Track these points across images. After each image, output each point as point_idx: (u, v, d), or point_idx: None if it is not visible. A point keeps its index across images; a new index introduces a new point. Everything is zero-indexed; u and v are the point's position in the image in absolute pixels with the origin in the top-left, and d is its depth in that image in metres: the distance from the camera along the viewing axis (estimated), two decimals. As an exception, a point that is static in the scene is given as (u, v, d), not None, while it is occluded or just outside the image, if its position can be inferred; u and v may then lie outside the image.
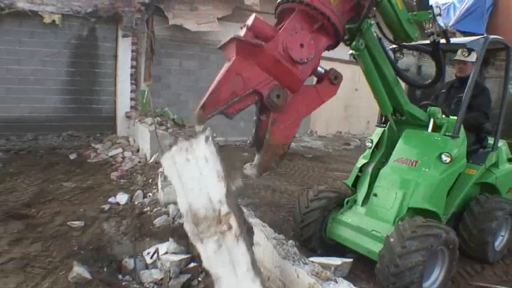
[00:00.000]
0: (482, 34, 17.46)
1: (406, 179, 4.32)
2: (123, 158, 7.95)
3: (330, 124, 15.20)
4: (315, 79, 3.36)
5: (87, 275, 3.87)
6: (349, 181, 4.98)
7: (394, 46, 4.52)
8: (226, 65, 2.93)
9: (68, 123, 9.49)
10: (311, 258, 3.56)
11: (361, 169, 4.92)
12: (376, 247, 4.02)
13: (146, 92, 9.88)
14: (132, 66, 10.05)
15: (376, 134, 5.04)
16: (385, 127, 4.99)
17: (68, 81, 9.53)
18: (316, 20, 3.04)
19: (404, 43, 4.11)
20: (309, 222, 4.63)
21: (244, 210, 4.26)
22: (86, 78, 9.72)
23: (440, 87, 5.57)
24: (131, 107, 10.03)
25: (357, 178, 4.92)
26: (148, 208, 5.56)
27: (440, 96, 5.43)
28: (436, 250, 3.76)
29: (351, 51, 4.00)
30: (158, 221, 5.14)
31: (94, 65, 9.82)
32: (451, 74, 5.93)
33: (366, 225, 4.35)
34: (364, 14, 3.37)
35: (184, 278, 4.14)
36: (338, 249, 4.66)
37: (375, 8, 3.52)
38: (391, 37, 4.04)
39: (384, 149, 4.90)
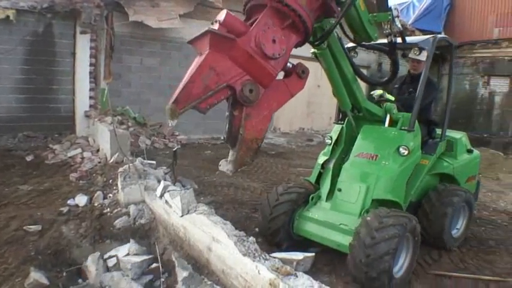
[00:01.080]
0: (440, 32, 18.16)
1: (368, 173, 4.51)
2: (83, 158, 7.73)
3: (293, 121, 15.33)
4: (282, 74, 3.46)
5: (45, 281, 3.78)
6: (312, 178, 5.10)
7: (350, 45, 4.68)
8: (199, 59, 2.94)
9: (24, 124, 9.17)
10: (273, 254, 3.60)
11: (322, 166, 5.05)
12: (345, 240, 4.16)
13: (106, 91, 9.69)
14: (91, 64, 9.81)
15: (335, 131, 5.23)
16: (343, 124, 5.18)
17: (23, 80, 9.20)
18: (288, 16, 3.11)
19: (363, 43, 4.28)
20: (278, 214, 4.70)
21: (206, 208, 4.26)
22: (42, 76, 9.41)
23: (394, 82, 5.71)
24: (90, 106, 9.79)
25: (320, 175, 5.03)
26: (108, 209, 5.43)
27: (393, 92, 5.60)
28: (402, 238, 3.94)
29: (312, 50, 4.11)
30: (119, 222, 5.04)
31: (51, 62, 9.52)
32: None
33: (333, 219, 4.48)
34: (343, 12, 3.52)
35: (147, 279, 4.10)
36: (304, 243, 4.76)
37: (339, 8, 3.59)
38: (352, 36, 4.17)
39: (343, 145, 5.08)
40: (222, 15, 3.01)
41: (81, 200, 5.68)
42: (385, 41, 4.15)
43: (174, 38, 11.27)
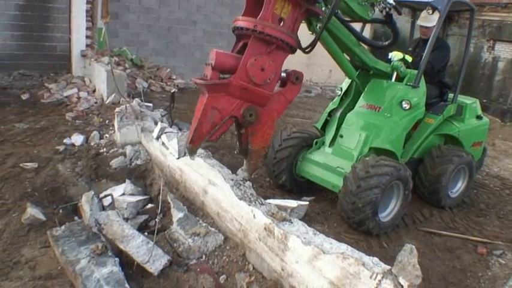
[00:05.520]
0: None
1: (370, 123, 4.70)
2: (79, 98, 7.65)
3: (291, 71, 15.06)
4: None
5: (41, 217, 3.82)
6: (319, 124, 5.35)
7: None
8: (202, 102, 3.35)
9: (19, 62, 8.94)
10: (268, 200, 3.63)
11: (330, 114, 5.29)
12: (339, 182, 4.42)
13: (103, 30, 9.41)
14: (87, 2, 9.43)
15: (346, 82, 5.35)
16: None
17: (18, 16, 8.90)
18: (271, 43, 3.37)
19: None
20: (282, 158, 4.98)
21: (203, 151, 4.27)
22: (37, 13, 9.08)
23: (408, 45, 5.94)
24: (87, 46, 9.52)
25: (326, 122, 5.28)
26: (104, 149, 5.44)
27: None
28: (393, 181, 4.23)
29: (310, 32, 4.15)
30: (115, 162, 5.06)
31: (46, -1, 9.21)
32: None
33: (332, 162, 4.75)
34: (324, 23, 3.80)
35: (142, 218, 4.16)
36: (306, 186, 5.13)
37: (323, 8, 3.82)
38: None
39: (352, 97, 5.22)
40: (212, 58, 3.29)
41: (77, 139, 5.68)
42: None
43: (174, -22, 10.93)
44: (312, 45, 3.91)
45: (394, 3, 4.12)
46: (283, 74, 3.72)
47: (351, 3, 3.99)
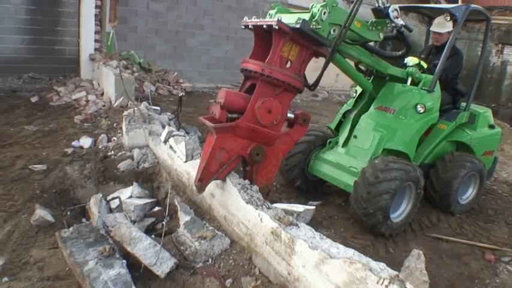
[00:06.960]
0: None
1: (384, 124, 4.82)
2: (87, 101, 7.70)
3: (299, 74, 15.05)
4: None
5: (50, 218, 3.85)
6: (333, 125, 5.44)
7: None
8: (210, 142, 3.53)
9: (29, 65, 9.05)
10: (275, 205, 3.63)
11: (344, 115, 5.37)
12: (352, 181, 4.48)
13: (111, 34, 9.48)
14: (96, 6, 9.54)
15: None
16: (369, 79, 5.24)
17: (28, 20, 9.00)
18: (278, 86, 3.54)
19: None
20: (295, 152, 5.10)
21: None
22: (47, 17, 9.18)
23: (421, 52, 5.99)
24: (96, 49, 9.60)
25: (340, 123, 5.37)
26: (112, 152, 5.47)
27: None
28: (404, 184, 4.29)
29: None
30: (122, 165, 5.09)
31: (56, 3, 9.27)
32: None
33: (345, 162, 4.85)
34: (326, 61, 3.94)
35: (149, 221, 4.18)
36: (315, 186, 5.29)
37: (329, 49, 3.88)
38: None
39: (366, 99, 5.30)
40: (222, 97, 3.47)
41: (85, 142, 5.72)
42: None
43: (183, -19, 11.00)
44: (316, 84, 4.09)
45: (404, 23, 4.16)
46: (291, 115, 3.89)
47: (360, 31, 4.07)
